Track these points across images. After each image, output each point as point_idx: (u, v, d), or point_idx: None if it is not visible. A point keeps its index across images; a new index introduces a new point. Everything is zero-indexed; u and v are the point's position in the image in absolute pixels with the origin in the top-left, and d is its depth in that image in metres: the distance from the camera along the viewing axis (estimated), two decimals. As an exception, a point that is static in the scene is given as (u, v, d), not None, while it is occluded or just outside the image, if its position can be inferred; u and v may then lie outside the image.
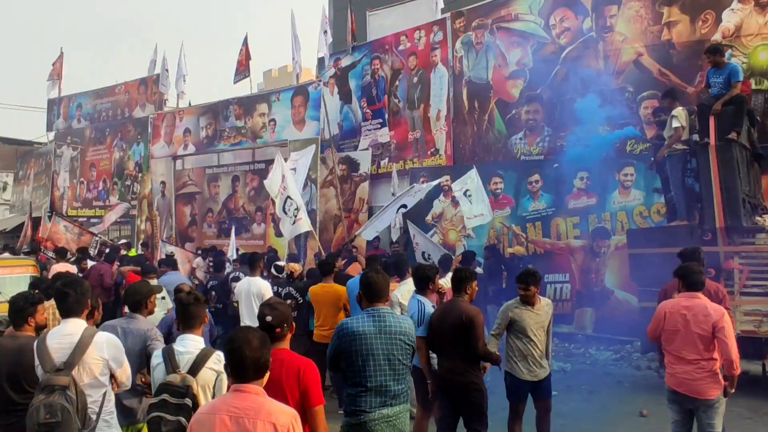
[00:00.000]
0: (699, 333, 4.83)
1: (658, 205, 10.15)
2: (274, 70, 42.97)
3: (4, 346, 4.39)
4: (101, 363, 3.93)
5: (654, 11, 11.04)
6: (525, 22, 12.49)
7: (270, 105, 17.74)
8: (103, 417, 3.95)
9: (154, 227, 19.64)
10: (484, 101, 12.97)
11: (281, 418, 2.73)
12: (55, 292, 4.28)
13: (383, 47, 15.05)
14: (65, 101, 24.73)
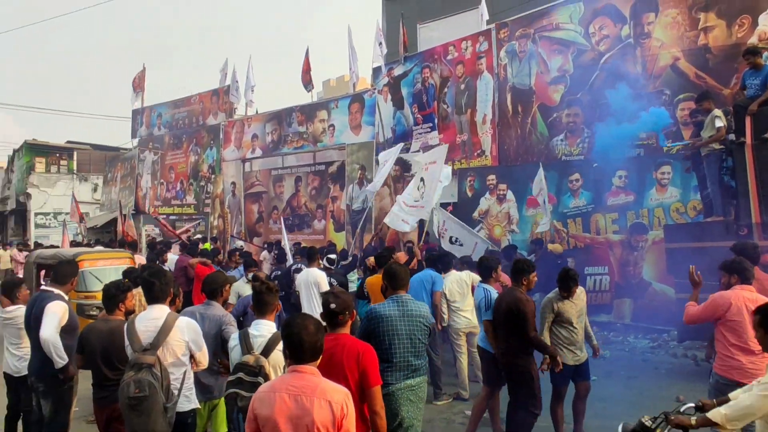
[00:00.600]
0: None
1: (694, 202, 9.88)
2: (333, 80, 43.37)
3: (98, 329, 4.58)
4: (183, 344, 4.06)
5: (690, 17, 10.74)
6: (565, 30, 12.31)
7: (329, 112, 17.90)
8: (184, 392, 4.08)
9: (225, 223, 20.03)
10: (527, 105, 12.83)
11: (336, 396, 2.75)
12: (142, 281, 4.44)
13: (432, 57, 15.01)
14: (147, 111, 25.51)
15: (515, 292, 5.44)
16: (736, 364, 4.69)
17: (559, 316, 5.69)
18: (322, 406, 2.70)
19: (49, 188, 32.41)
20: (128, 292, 4.81)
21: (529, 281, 5.49)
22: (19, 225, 34.58)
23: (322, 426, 2.68)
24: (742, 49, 9.83)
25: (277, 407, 2.73)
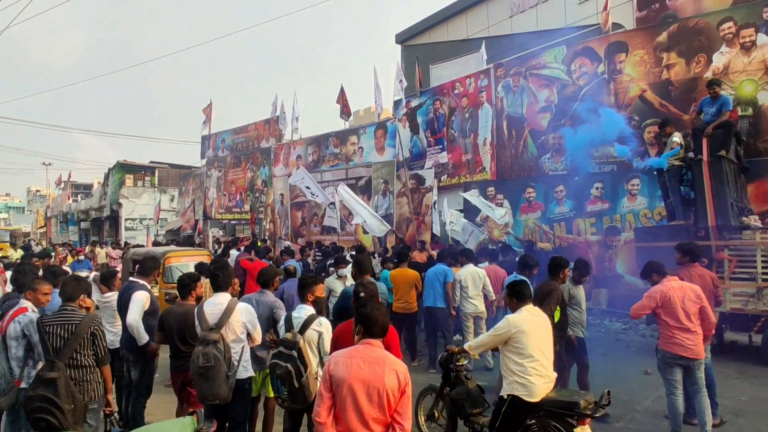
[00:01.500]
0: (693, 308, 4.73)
1: (660, 209, 9.73)
2: (361, 110, 43.48)
3: (174, 312, 4.64)
4: (241, 325, 4.09)
5: (655, 56, 10.61)
6: (551, 69, 12.24)
7: (359, 136, 17.98)
8: (242, 363, 4.12)
9: (275, 227, 20.23)
10: (519, 130, 12.77)
11: (400, 368, 2.74)
12: (209, 273, 4.50)
13: (442, 91, 15.01)
14: (213, 137, 25.84)
15: (547, 283, 5.32)
16: (677, 341, 4.72)
17: (571, 300, 5.63)
18: (391, 374, 2.68)
19: (136, 199, 33.05)
20: (198, 282, 4.87)
21: (564, 275, 5.42)
22: (113, 228, 35.28)
23: (390, 390, 2.65)
24: (699, 82, 9.71)
25: (354, 371, 2.69)
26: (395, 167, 15.64)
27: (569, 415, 3.72)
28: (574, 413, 3.70)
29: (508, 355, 3.90)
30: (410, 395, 2.74)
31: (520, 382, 3.81)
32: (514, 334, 3.83)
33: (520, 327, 3.83)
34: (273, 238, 19.36)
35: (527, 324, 3.86)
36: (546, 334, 3.98)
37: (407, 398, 2.71)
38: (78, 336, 3.77)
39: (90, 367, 3.86)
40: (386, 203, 15.54)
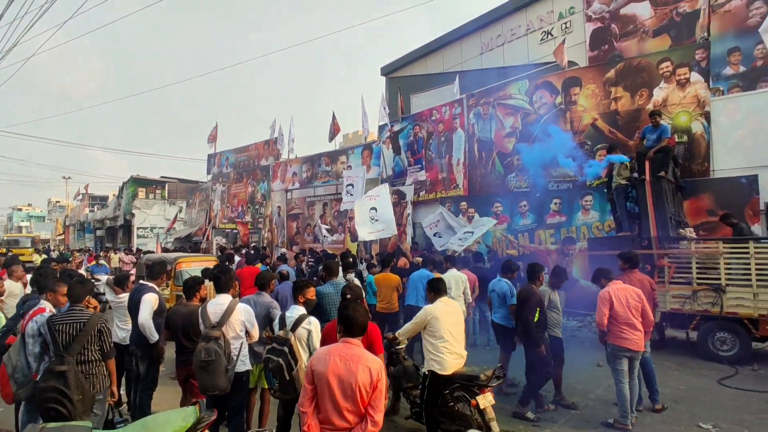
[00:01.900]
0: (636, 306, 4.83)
1: (609, 222, 9.86)
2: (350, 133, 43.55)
3: (180, 311, 4.57)
4: (240, 323, 4.04)
5: (605, 90, 10.81)
6: (515, 99, 12.39)
7: (347, 156, 17.98)
8: (240, 358, 4.06)
9: (273, 235, 20.07)
10: (488, 152, 12.86)
11: (374, 365, 2.69)
12: (213, 276, 4.44)
13: (421, 118, 15.10)
14: (218, 155, 25.64)
15: (526, 287, 5.33)
16: (624, 336, 4.80)
17: (550, 303, 5.55)
18: (364, 371, 2.64)
19: (147, 210, 32.57)
20: (202, 284, 4.80)
21: (541, 279, 5.41)
22: (126, 236, 34.66)
23: (362, 385, 2.62)
24: (642, 112, 9.92)
25: (331, 367, 2.66)
26: (380, 183, 15.66)
27: (473, 386, 4.16)
28: (475, 384, 4.14)
29: (426, 338, 4.29)
30: (383, 390, 2.68)
31: (435, 359, 4.21)
32: (429, 320, 4.22)
33: (434, 314, 4.24)
34: (271, 245, 19.20)
35: (440, 312, 4.27)
36: (456, 321, 4.36)
37: (379, 393, 2.66)
38: (86, 333, 3.69)
39: (96, 361, 3.79)
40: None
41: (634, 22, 16.33)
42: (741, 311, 6.95)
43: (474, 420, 4.09)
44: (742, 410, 5.26)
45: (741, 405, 5.41)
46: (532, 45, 19.55)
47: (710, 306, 7.16)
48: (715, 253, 7.23)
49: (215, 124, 24.96)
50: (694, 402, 5.55)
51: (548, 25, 19.08)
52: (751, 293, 6.88)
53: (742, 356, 6.91)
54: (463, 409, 4.19)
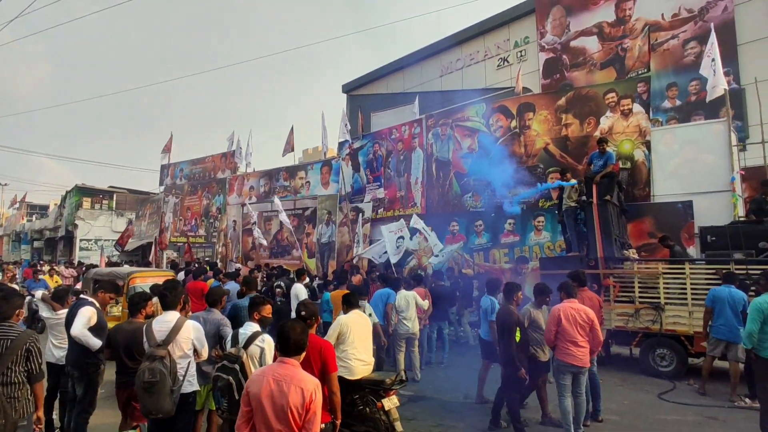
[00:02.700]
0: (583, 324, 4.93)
1: (560, 242, 10.19)
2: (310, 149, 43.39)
3: (123, 329, 4.34)
4: (189, 341, 3.87)
5: (556, 116, 11.29)
6: (473, 121, 12.72)
7: (306, 172, 17.84)
8: (187, 378, 3.87)
9: (227, 250, 19.52)
10: (446, 172, 13.09)
11: (308, 385, 2.62)
12: (159, 293, 4.24)
13: (381, 136, 15.23)
14: (172, 167, 24.85)
15: (503, 307, 5.31)
16: (570, 352, 4.93)
17: (533, 323, 5.39)
18: (297, 392, 2.57)
19: (92, 221, 30.89)
20: (149, 301, 4.58)
21: (518, 297, 5.35)
22: (67, 248, 32.71)
23: (294, 407, 2.55)
24: (591, 139, 10.43)
25: (263, 387, 2.60)
26: (338, 200, 15.62)
27: (379, 390, 4.54)
28: (381, 388, 4.54)
29: (337, 346, 4.54)
30: (317, 411, 2.61)
31: (344, 366, 4.51)
32: (342, 329, 4.61)
33: (347, 324, 4.64)
34: (225, 260, 18.63)
35: (352, 323, 4.69)
36: (366, 332, 4.78)
37: (313, 414, 2.58)
38: (12, 352, 3.38)
39: (20, 383, 3.43)
40: (329, 232, 15.43)
41: (583, 54, 17.32)
42: (678, 328, 7.34)
43: (381, 421, 4.48)
44: (680, 423, 5.52)
45: (679, 418, 5.68)
46: (489, 70, 20.31)
47: (651, 323, 7.52)
48: (655, 274, 7.63)
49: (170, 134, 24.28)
50: (637, 416, 5.77)
51: (505, 53, 19.92)
52: (687, 311, 7.29)
53: (679, 371, 7.27)
54: (371, 412, 4.55)
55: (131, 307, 4.44)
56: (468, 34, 21.19)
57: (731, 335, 6.34)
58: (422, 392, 6.72)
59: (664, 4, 15.34)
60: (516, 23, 19.54)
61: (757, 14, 13.75)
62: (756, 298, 5.18)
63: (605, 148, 8.84)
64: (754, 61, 13.45)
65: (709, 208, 8.93)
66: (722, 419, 5.66)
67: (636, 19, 16.04)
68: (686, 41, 14.84)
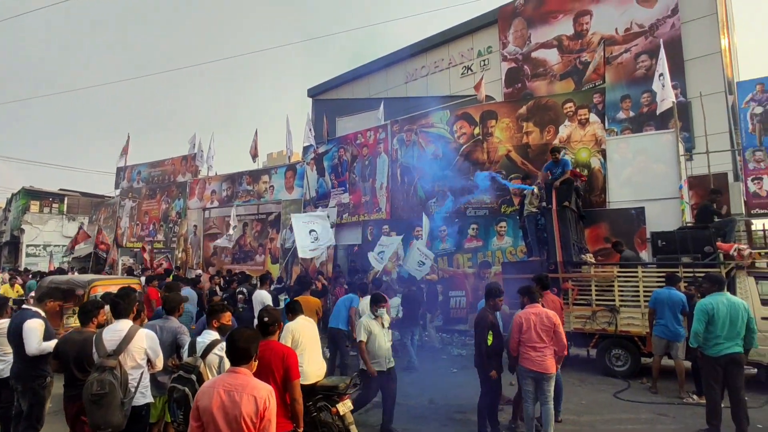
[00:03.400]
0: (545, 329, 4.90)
1: (522, 247, 10.42)
2: (274, 153, 42.86)
3: (72, 339, 4.10)
4: (142, 351, 3.70)
5: (518, 124, 11.59)
6: (437, 128, 12.89)
7: (270, 176, 17.57)
8: (140, 390, 3.70)
9: (187, 256, 18.95)
10: (410, 178, 13.19)
11: (260, 393, 2.55)
12: (110, 300, 4.05)
13: (346, 141, 15.21)
14: (129, 169, 23.94)
15: (483, 312, 5.21)
16: (530, 357, 4.93)
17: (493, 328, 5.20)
18: (249, 401, 2.50)
19: (41, 225, 29.27)
20: (101, 309, 4.35)
21: (495, 303, 5.22)
22: (12, 254, 30.85)
23: (248, 416, 2.48)
24: (550, 146, 10.73)
25: (214, 400, 2.52)
26: (302, 205, 15.46)
27: (333, 395, 4.62)
28: (335, 393, 4.62)
29: None
30: (271, 419, 2.56)
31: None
32: (295, 336, 4.68)
33: (297, 330, 4.72)
34: (185, 267, 18.07)
35: (301, 328, 4.76)
36: (314, 336, 4.82)
37: (268, 422, 2.53)
38: None
39: None
40: (293, 237, 15.20)
41: (544, 65, 17.89)
42: (632, 329, 7.63)
43: (335, 426, 4.53)
44: (634, 421, 5.72)
45: (633, 416, 5.89)
46: (453, 78, 20.66)
47: (607, 325, 7.79)
48: (610, 277, 7.92)
49: (127, 135, 23.38)
50: (595, 415, 5.94)
51: (468, 61, 20.32)
52: (640, 313, 7.59)
53: (633, 371, 7.55)
54: (326, 417, 4.59)
55: (82, 316, 4.20)
56: (433, 42, 21.51)
57: (671, 334, 6.69)
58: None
59: (618, 20, 16.07)
60: (479, 33, 19.98)
61: (702, 32, 14.60)
62: (701, 299, 5.44)
63: (558, 157, 9.08)
64: (699, 76, 14.26)
65: (660, 215, 9.37)
66: (672, 416, 5.91)
67: (593, 33, 16.72)
68: (638, 55, 15.58)
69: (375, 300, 5.56)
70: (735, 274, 7.11)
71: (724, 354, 5.06)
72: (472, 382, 7.29)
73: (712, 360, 5.13)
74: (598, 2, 16.62)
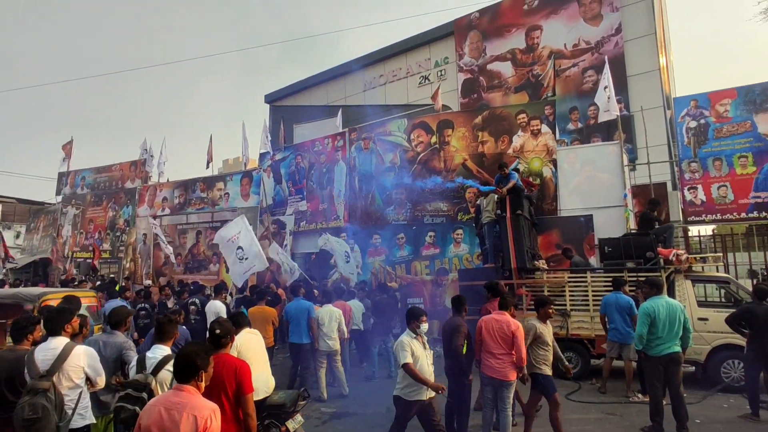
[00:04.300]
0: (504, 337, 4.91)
1: (478, 253, 10.59)
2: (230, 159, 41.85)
3: (4, 358, 3.77)
4: (79, 370, 3.46)
5: (473, 133, 11.87)
6: (395, 136, 12.99)
7: (225, 183, 17.12)
8: (78, 411, 3.46)
9: (136, 266, 18.10)
10: (368, 185, 13.20)
11: (202, 412, 2.44)
12: (44, 316, 3.78)
13: (304, 148, 15.06)
14: (72, 174, 22.68)
15: (452, 319, 5.18)
16: (488, 364, 5.00)
17: (539, 338, 5.15)
18: (189, 420, 2.40)
19: (-28, 234, 27.17)
20: (37, 325, 4.04)
21: (465, 310, 5.28)
22: (-61, 266, 28.41)
23: None
24: (504, 156, 11.04)
25: (153, 418, 2.42)
26: (259, 213, 15.14)
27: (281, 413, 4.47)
28: (282, 412, 4.46)
29: None
30: None
31: None
32: (241, 350, 4.41)
33: (240, 343, 4.46)
34: (133, 277, 17.24)
35: (245, 341, 4.51)
36: (261, 348, 4.63)
37: None
38: None
39: None
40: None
41: (499, 77, 18.45)
42: (582, 333, 7.92)
43: None
44: (584, 422, 5.92)
45: (583, 416, 6.09)
46: (411, 87, 20.95)
47: (559, 329, 8.03)
48: (561, 282, 8.20)
49: (71, 138, 22.20)
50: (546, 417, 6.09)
51: (426, 71, 20.67)
52: (589, 316, 7.90)
53: (584, 372, 7.83)
54: None
55: (15, 333, 3.87)
56: (391, 51, 21.76)
57: (622, 337, 7.00)
58: (346, 408, 6.62)
59: (567, 36, 16.84)
60: (437, 44, 20.39)
61: (643, 51, 15.53)
62: (644, 303, 5.73)
63: (506, 172, 9.25)
64: (640, 91, 15.14)
65: (606, 222, 9.82)
66: (619, 414, 6.16)
67: (543, 47, 17.42)
68: (585, 69, 16.36)
69: (414, 315, 4.66)
70: (674, 278, 7.54)
71: (665, 354, 5.35)
72: (430, 390, 7.39)
73: (655, 360, 5.40)
74: (548, 18, 17.36)
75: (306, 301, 7.50)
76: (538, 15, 17.60)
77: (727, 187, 10.84)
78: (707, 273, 8.68)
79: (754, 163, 10.66)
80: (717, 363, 7.17)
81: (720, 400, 6.71)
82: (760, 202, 10.52)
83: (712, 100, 11.26)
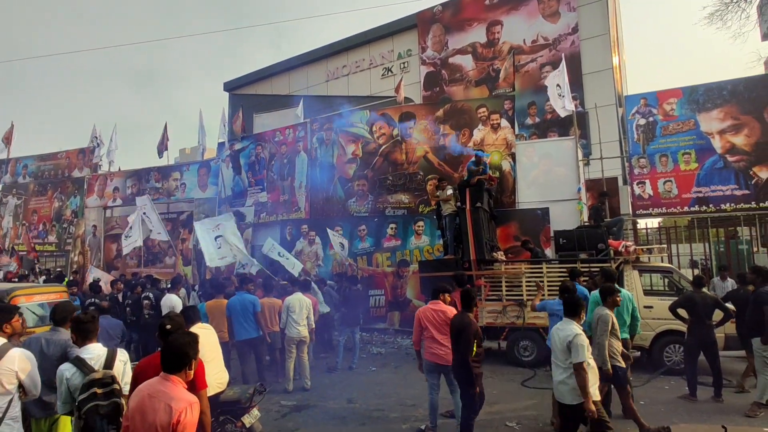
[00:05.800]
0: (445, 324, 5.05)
1: (438, 245, 10.74)
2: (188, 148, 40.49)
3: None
4: (11, 374, 3.21)
5: (435, 126, 11.95)
6: (357, 128, 12.92)
7: (182, 173, 16.54)
8: (6, 421, 3.19)
9: (85, 259, 17.25)
10: (330, 177, 13.09)
11: (178, 404, 2.44)
12: None
13: (264, 138, 14.74)
14: (13, 162, 21.28)
15: (465, 316, 4.76)
16: (433, 352, 5.17)
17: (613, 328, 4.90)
18: (165, 410, 2.42)
19: None
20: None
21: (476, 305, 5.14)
22: None
23: (159, 426, 2.40)
24: (465, 149, 11.18)
25: (138, 402, 2.48)
26: (217, 204, 14.74)
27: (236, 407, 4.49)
28: (238, 408, 4.47)
29: None
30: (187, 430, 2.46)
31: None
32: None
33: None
34: (82, 271, 16.42)
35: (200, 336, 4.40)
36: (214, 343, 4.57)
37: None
38: None
39: None
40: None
41: (460, 71, 18.63)
42: (537, 322, 8.17)
43: None
44: (539, 407, 6.12)
45: (538, 402, 6.30)
46: (374, 79, 20.83)
47: (516, 319, 8.27)
48: (518, 273, 8.42)
49: (11, 123, 20.80)
50: (504, 403, 6.28)
51: (389, 63, 20.60)
52: (545, 307, 8.16)
53: (539, 360, 8.10)
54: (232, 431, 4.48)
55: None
56: (354, 42, 21.54)
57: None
58: (307, 400, 6.57)
59: (526, 31, 17.18)
60: (400, 36, 20.34)
61: (597, 50, 16.06)
62: (594, 291, 5.96)
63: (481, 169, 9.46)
64: (594, 89, 15.67)
65: (561, 214, 10.14)
66: (572, 400, 6.40)
67: (503, 42, 17.72)
68: (542, 65, 16.77)
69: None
70: (623, 269, 7.89)
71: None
72: (392, 380, 7.46)
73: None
74: (509, 14, 17.65)
75: (250, 294, 7.12)
76: (498, 10, 17.86)
77: (672, 182, 11.44)
78: (653, 263, 9.14)
79: (696, 160, 11.28)
80: (660, 348, 7.59)
81: (662, 382, 7.11)
82: (701, 196, 11.17)
83: (660, 99, 11.81)
